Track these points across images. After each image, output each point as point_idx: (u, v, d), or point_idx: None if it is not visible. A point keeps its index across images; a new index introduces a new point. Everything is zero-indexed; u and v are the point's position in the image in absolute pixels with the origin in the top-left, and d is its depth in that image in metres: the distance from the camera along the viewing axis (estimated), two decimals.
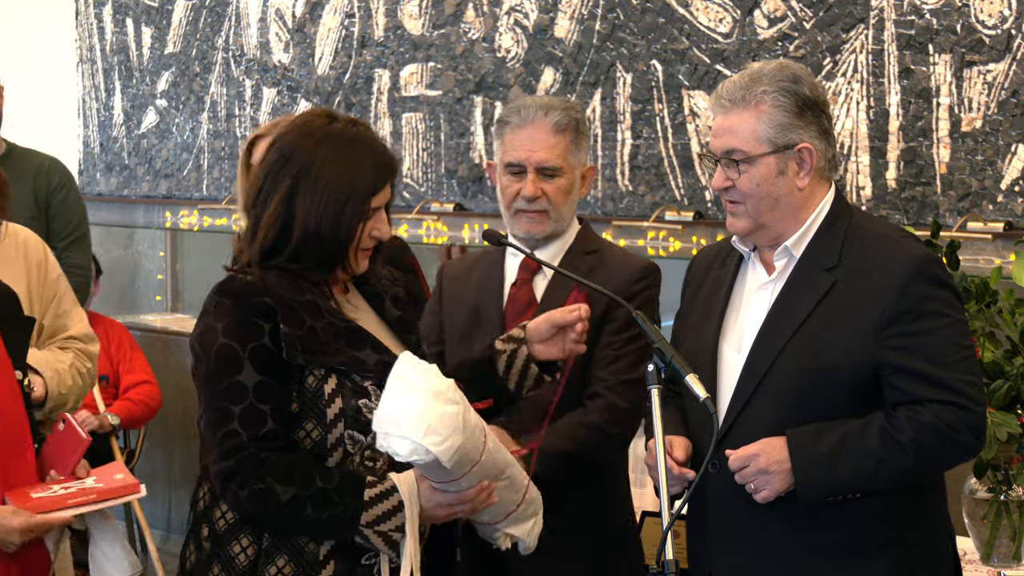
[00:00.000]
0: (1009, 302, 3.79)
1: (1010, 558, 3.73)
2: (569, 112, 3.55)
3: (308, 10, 6.78)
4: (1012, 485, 3.72)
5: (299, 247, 2.92)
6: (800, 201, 3.01)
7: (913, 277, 2.91)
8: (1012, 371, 3.65)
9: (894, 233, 3.05)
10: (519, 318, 3.51)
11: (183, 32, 7.43)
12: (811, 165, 3.00)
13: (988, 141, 4.68)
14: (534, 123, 3.51)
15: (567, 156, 3.53)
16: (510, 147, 3.54)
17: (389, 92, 6.45)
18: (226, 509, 2.93)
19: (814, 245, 3.01)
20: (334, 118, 3.02)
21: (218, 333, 2.87)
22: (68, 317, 3.91)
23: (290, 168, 2.94)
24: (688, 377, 2.84)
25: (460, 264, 3.79)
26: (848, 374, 2.92)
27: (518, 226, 3.55)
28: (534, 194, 3.50)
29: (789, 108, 2.98)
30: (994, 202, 4.67)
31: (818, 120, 3.01)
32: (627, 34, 5.59)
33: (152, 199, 7.65)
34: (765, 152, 2.98)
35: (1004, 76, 4.63)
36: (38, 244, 3.92)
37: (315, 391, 2.89)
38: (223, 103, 7.25)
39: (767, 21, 5.19)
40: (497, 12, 6.02)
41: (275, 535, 2.90)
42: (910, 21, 4.83)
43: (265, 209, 2.95)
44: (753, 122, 2.98)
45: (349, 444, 2.91)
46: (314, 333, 2.90)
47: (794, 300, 3.00)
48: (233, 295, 2.89)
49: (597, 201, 5.71)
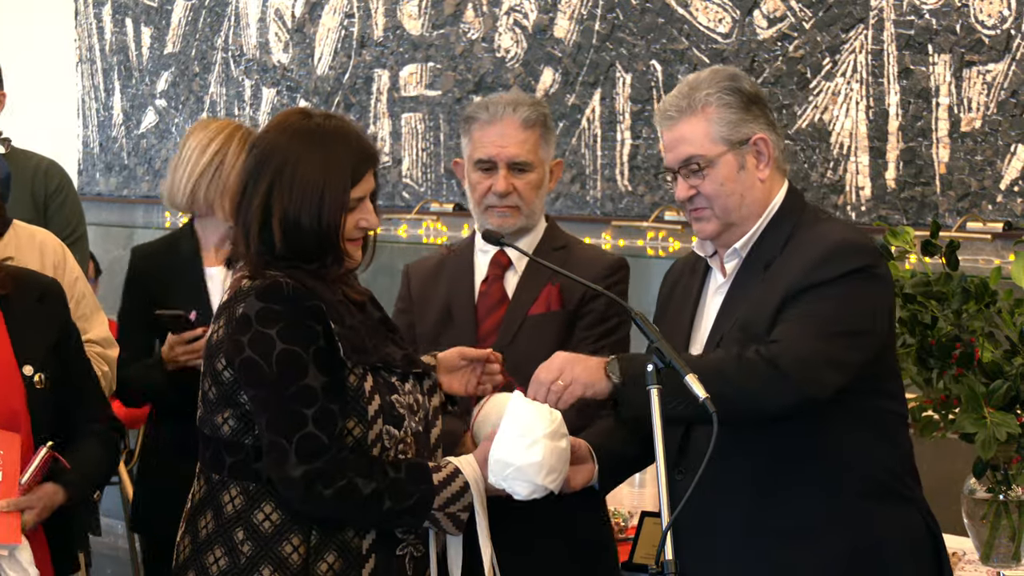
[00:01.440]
0: (1008, 302, 3.79)
1: (1009, 558, 3.73)
2: (537, 107, 3.57)
3: (307, 10, 6.78)
4: (1011, 485, 3.72)
5: (285, 244, 2.92)
6: (763, 194, 3.05)
7: (820, 262, 2.93)
8: (1011, 371, 3.65)
9: (837, 226, 3.06)
10: (491, 315, 3.54)
11: (182, 32, 7.43)
12: (768, 155, 3.04)
13: (987, 141, 4.68)
14: (503, 119, 3.52)
15: (537, 151, 3.55)
16: (479, 143, 3.55)
17: (388, 92, 6.45)
18: (270, 511, 2.92)
19: (759, 244, 3.05)
20: (309, 115, 3.03)
21: (275, 339, 2.86)
22: (87, 320, 3.91)
23: (267, 169, 2.94)
24: (688, 377, 2.84)
25: (426, 263, 3.78)
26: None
27: (489, 221, 3.55)
28: (506, 190, 3.51)
29: (736, 104, 3.02)
30: (993, 202, 4.67)
31: (765, 113, 3.06)
32: (626, 34, 5.59)
33: (152, 199, 7.64)
34: (723, 151, 3.02)
35: (1003, 76, 4.63)
36: (56, 246, 3.91)
37: (356, 389, 2.91)
38: (222, 103, 7.25)
39: (766, 21, 5.19)
40: (496, 12, 6.02)
41: (322, 532, 2.91)
42: (909, 21, 4.83)
43: (249, 211, 2.95)
44: (704, 125, 3.02)
45: (387, 439, 2.93)
46: (355, 331, 2.93)
47: (737, 299, 3.04)
48: (283, 300, 2.87)
49: (596, 201, 5.71)
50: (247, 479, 2.94)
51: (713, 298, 3.12)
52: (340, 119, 3.05)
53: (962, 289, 3.77)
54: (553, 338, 3.48)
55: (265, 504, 2.92)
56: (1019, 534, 3.71)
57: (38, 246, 3.84)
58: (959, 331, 3.72)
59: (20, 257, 3.76)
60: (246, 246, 2.96)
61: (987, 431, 3.57)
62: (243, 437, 2.93)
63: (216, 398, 2.95)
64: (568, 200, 5.83)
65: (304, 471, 2.84)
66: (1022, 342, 3.71)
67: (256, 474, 2.92)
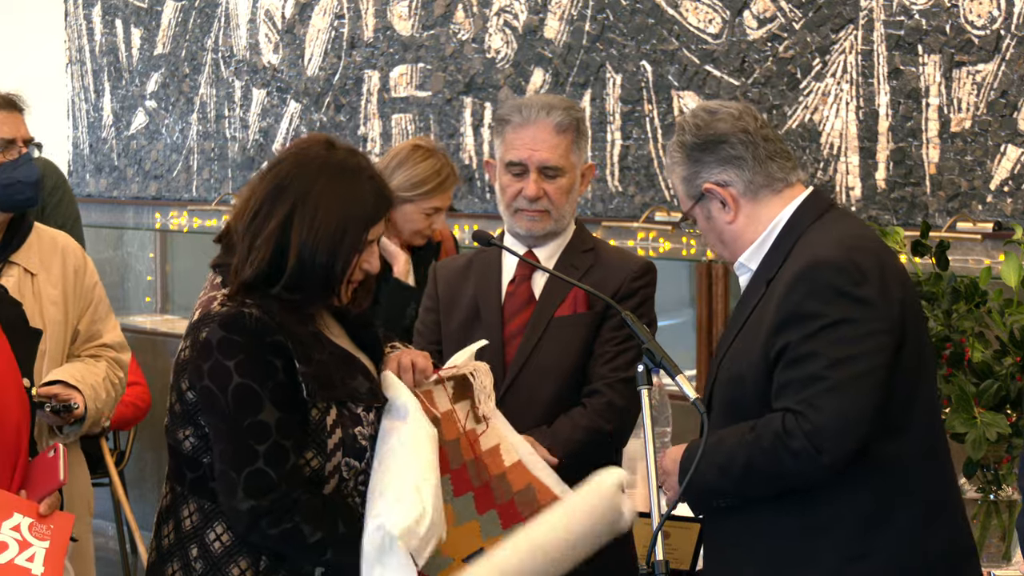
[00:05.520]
0: (998, 302, 3.79)
1: (1000, 558, 3.73)
2: (570, 111, 3.56)
3: (297, 11, 6.78)
4: (1001, 485, 3.73)
5: (294, 276, 2.88)
6: (739, 229, 3.05)
7: (797, 283, 2.90)
8: (1001, 371, 3.66)
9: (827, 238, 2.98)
10: (517, 316, 3.53)
11: (172, 33, 7.42)
12: (730, 196, 3.03)
13: (977, 141, 4.68)
14: (536, 123, 3.52)
15: (569, 156, 3.54)
16: (511, 146, 3.54)
17: (379, 93, 6.45)
18: (221, 532, 2.92)
19: (766, 258, 3.04)
20: (333, 146, 2.99)
21: (232, 372, 2.84)
22: (103, 324, 3.92)
23: (287, 196, 2.90)
24: (678, 377, 2.86)
25: (454, 263, 3.78)
26: (756, 382, 2.93)
27: (518, 224, 3.56)
28: (536, 194, 3.51)
29: (682, 160, 3.07)
30: (983, 202, 4.68)
31: (715, 153, 3.03)
32: (617, 35, 5.59)
33: (142, 200, 7.63)
34: (691, 207, 3.09)
35: (993, 76, 4.64)
36: (76, 250, 3.93)
37: (318, 423, 2.89)
38: (212, 104, 7.24)
39: (756, 22, 5.19)
40: (487, 13, 6.02)
41: (272, 558, 2.91)
42: (899, 22, 4.83)
43: (260, 234, 2.89)
44: (678, 184, 3.11)
45: (345, 471, 2.93)
46: (323, 367, 2.90)
47: (740, 313, 3.05)
48: (245, 332, 2.84)
49: (587, 202, 5.71)
50: (204, 497, 2.94)
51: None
52: (364, 156, 3.03)
53: (952, 289, 3.78)
54: (579, 341, 3.51)
55: (217, 524, 2.93)
56: (1009, 534, 3.71)
57: (60, 250, 3.86)
58: (949, 331, 3.72)
59: (42, 260, 3.77)
60: (243, 266, 2.91)
61: (977, 431, 3.58)
62: (202, 456, 2.93)
63: (180, 414, 2.95)
64: None
65: (251, 507, 2.83)
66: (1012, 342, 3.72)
67: (212, 493, 2.92)
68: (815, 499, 2.91)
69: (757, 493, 2.93)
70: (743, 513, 2.98)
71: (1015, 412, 3.67)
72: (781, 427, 2.84)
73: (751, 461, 2.88)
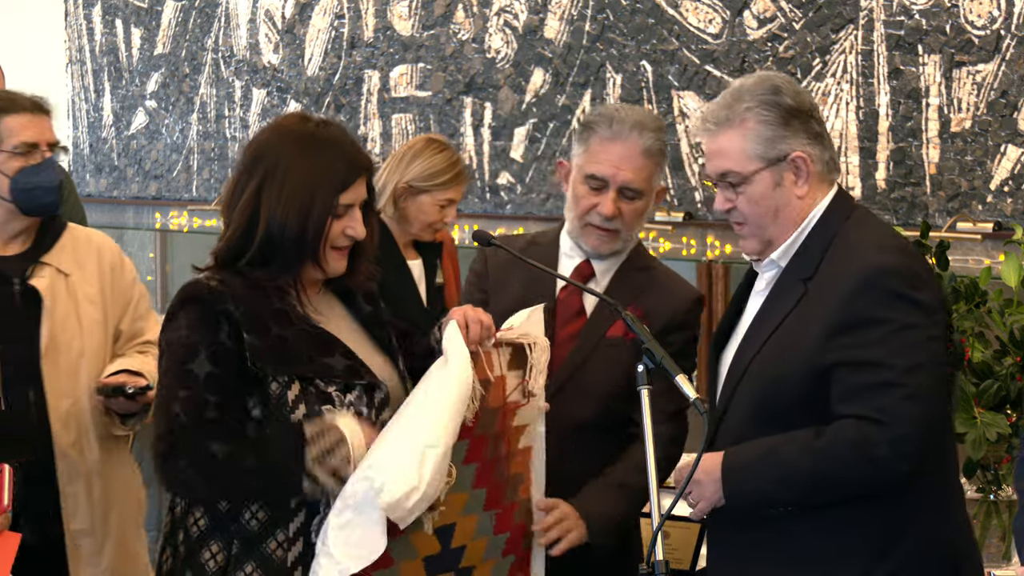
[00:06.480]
0: (998, 302, 3.80)
1: (1000, 558, 3.73)
2: (660, 135, 3.44)
3: (297, 11, 6.78)
4: (1001, 485, 3.73)
5: (264, 245, 2.93)
6: (801, 209, 2.98)
7: (861, 288, 2.85)
8: (1001, 371, 3.66)
9: (870, 239, 2.97)
10: (567, 326, 3.44)
11: (172, 33, 7.42)
12: (808, 172, 2.96)
13: (977, 141, 4.68)
14: (626, 141, 3.39)
15: (650, 180, 3.43)
16: (596, 158, 3.41)
17: (379, 93, 6.45)
18: (199, 515, 2.94)
19: (798, 256, 2.99)
20: (306, 120, 3.04)
21: (181, 328, 2.91)
22: (144, 321, 3.93)
23: (259, 167, 2.96)
24: (677, 378, 2.85)
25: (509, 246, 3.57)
26: (801, 384, 2.88)
27: (586, 240, 3.45)
28: (613, 214, 3.40)
29: (773, 120, 2.95)
30: (983, 202, 4.68)
31: (806, 126, 2.97)
32: (617, 35, 5.59)
33: (142, 200, 7.64)
34: (758, 168, 2.95)
35: (993, 76, 4.64)
36: (113, 248, 3.93)
37: (279, 397, 2.90)
38: (212, 104, 7.24)
39: (757, 22, 5.19)
40: (487, 13, 6.02)
41: (244, 542, 2.91)
42: (899, 22, 4.83)
43: (235, 208, 2.98)
44: (740, 141, 2.95)
45: None
46: (282, 342, 2.91)
47: (771, 311, 2.99)
48: (198, 301, 2.92)
49: None
50: None
51: (753, 301, 3.08)
52: (337, 126, 3.05)
53: (952, 289, 3.78)
54: (625, 366, 3.31)
55: (196, 510, 2.96)
56: (1009, 533, 3.72)
57: (95, 249, 3.85)
58: (949, 331, 3.72)
59: (77, 260, 3.77)
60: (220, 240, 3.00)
61: (977, 431, 3.58)
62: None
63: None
64: (559, 200, 5.83)
65: (158, 448, 2.85)
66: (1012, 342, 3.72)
67: None
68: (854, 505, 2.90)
69: (820, 501, 2.88)
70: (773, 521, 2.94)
71: (1015, 412, 3.68)
72: (860, 435, 2.80)
73: (819, 469, 2.83)
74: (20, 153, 3.65)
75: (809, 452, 2.84)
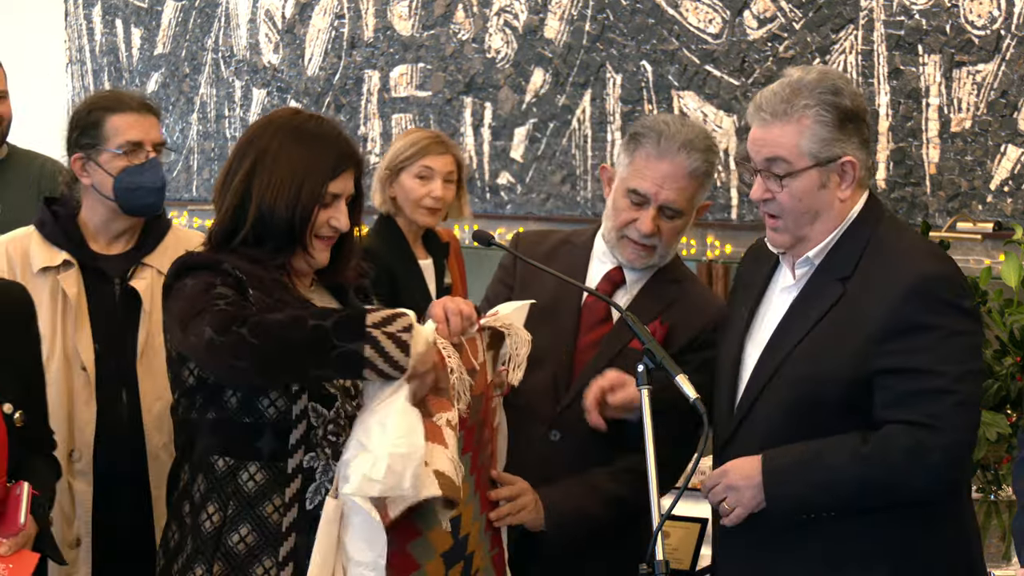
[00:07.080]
0: (998, 302, 3.80)
1: (1000, 558, 3.73)
2: (708, 156, 3.37)
3: (298, 11, 6.78)
4: (1001, 485, 3.73)
5: (256, 225, 2.98)
6: (840, 211, 2.97)
7: (910, 295, 2.85)
8: (1002, 371, 3.66)
9: (914, 246, 2.98)
10: (592, 331, 3.40)
11: (172, 33, 7.42)
12: (854, 177, 2.96)
13: (977, 141, 4.68)
14: (673, 160, 3.32)
15: (692, 200, 3.38)
16: (640, 173, 3.35)
17: (379, 93, 6.45)
18: (201, 481, 2.96)
19: (833, 254, 2.98)
20: (298, 112, 3.14)
21: (187, 282, 2.89)
22: None
23: (251, 152, 3.03)
24: (678, 378, 2.85)
25: (537, 247, 3.56)
26: (841, 387, 2.87)
27: (622, 252, 3.41)
28: (651, 231, 3.35)
29: (831, 122, 2.93)
30: (983, 202, 4.68)
31: (859, 131, 2.97)
32: (617, 35, 5.59)
33: None
34: (808, 166, 2.94)
35: (993, 76, 4.64)
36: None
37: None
38: (213, 104, 7.24)
39: (757, 22, 5.19)
40: (487, 13, 6.01)
41: (239, 503, 2.92)
42: (899, 22, 4.83)
43: (227, 192, 3.04)
44: (795, 136, 2.94)
45: (313, 416, 2.94)
46: (285, 305, 2.93)
47: (805, 308, 2.97)
48: (197, 266, 2.93)
49: (587, 202, 5.71)
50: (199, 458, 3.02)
51: (779, 296, 3.06)
52: (329, 121, 3.11)
53: None
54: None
55: (200, 475, 2.98)
56: (1009, 533, 3.72)
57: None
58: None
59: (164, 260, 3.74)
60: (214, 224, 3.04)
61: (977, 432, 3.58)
62: (188, 414, 3.01)
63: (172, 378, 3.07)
64: (558, 200, 5.83)
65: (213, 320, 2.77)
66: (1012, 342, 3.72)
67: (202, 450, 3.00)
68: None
69: (862, 507, 2.87)
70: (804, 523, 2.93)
71: (1015, 412, 3.68)
72: (913, 441, 2.79)
73: (867, 475, 2.83)
74: (125, 152, 3.64)
75: (856, 457, 2.82)
